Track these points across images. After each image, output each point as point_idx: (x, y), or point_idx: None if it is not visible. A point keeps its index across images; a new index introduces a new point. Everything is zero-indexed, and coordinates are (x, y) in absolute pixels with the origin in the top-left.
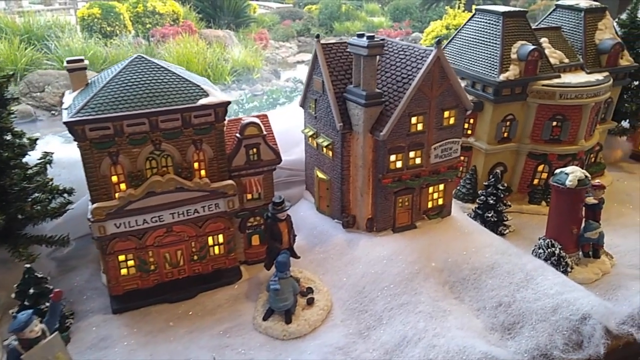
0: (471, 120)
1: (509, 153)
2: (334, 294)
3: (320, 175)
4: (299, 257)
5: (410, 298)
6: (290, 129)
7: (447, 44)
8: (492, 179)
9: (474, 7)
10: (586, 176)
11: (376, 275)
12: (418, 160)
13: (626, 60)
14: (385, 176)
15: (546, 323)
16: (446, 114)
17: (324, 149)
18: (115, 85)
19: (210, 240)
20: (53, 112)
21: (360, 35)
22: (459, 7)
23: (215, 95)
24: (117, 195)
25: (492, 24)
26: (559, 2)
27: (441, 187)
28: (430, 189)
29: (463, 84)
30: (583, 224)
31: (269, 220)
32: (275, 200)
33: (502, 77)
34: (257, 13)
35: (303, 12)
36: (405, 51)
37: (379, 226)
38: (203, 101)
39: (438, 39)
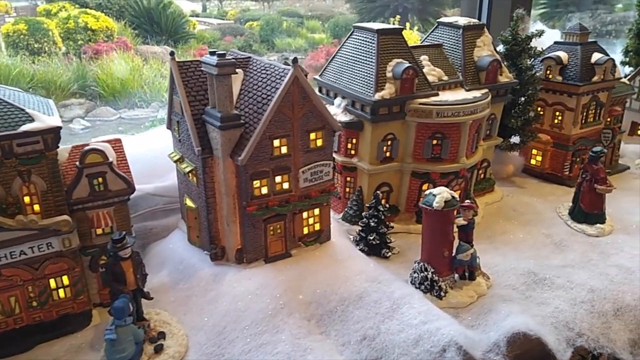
0: (354, 141)
1: (393, 173)
2: (192, 336)
3: (189, 203)
4: (151, 299)
5: (270, 337)
6: (166, 151)
7: (329, 62)
8: (373, 201)
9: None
10: (453, 197)
11: (239, 313)
12: (286, 185)
13: (505, 76)
14: (249, 203)
15: (408, 357)
16: (312, 135)
17: (190, 175)
18: None
19: (52, 283)
20: None
21: (213, 53)
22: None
23: (43, 120)
24: None
25: (368, 41)
26: (440, 20)
27: (316, 211)
28: (305, 214)
29: (344, 102)
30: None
31: (110, 259)
32: (115, 237)
33: (378, 95)
34: (196, 29)
35: (244, 28)
36: (266, 70)
37: (249, 257)
38: (26, 127)
39: (294, 57)
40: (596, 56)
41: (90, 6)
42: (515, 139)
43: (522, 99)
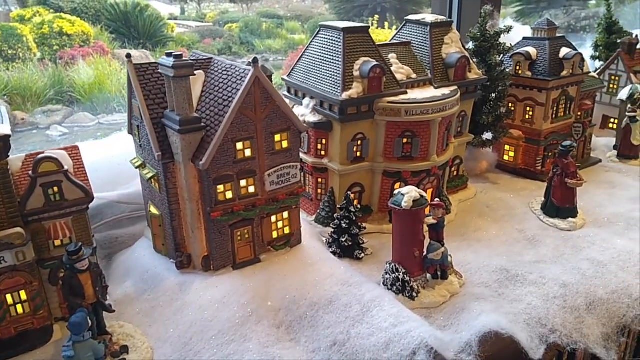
0: (324, 141)
1: (365, 173)
2: (158, 349)
3: (153, 210)
4: (112, 311)
5: (238, 347)
6: (130, 157)
7: (297, 62)
8: (345, 202)
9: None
10: (422, 196)
11: (205, 322)
12: (252, 189)
13: (474, 73)
14: (214, 209)
15: None
16: (277, 137)
17: (152, 181)
18: None
19: (9, 299)
20: None
21: (169, 55)
22: (372, 24)
23: None
24: None
25: (335, 40)
26: (408, 17)
27: (285, 215)
28: (274, 218)
29: (312, 103)
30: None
31: (66, 271)
32: (70, 248)
33: (345, 95)
34: (175, 32)
35: (224, 30)
36: (227, 71)
37: (216, 264)
38: None
39: (254, 57)
40: (564, 51)
41: (65, 11)
42: (487, 136)
43: (493, 95)
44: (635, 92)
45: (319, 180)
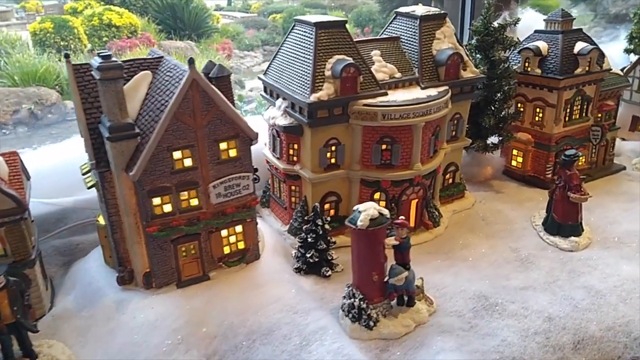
0: (295, 146)
1: (341, 181)
2: None
3: (100, 220)
4: (36, 331)
5: None
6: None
7: (272, 59)
8: (312, 214)
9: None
10: (381, 214)
11: (134, 347)
12: (194, 202)
13: (470, 71)
14: (150, 223)
15: None
16: (223, 145)
17: (96, 189)
18: None
19: None
20: (4, 130)
21: (99, 55)
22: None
23: None
24: None
25: (307, 36)
26: (398, 10)
27: (238, 229)
28: (224, 233)
29: (284, 104)
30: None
31: None
32: None
33: (313, 97)
34: (220, 23)
35: (267, 21)
36: (170, 72)
37: (158, 281)
38: None
39: (190, 58)
40: (580, 45)
41: (115, 3)
42: (494, 139)
43: (498, 95)
44: None
45: (292, 187)
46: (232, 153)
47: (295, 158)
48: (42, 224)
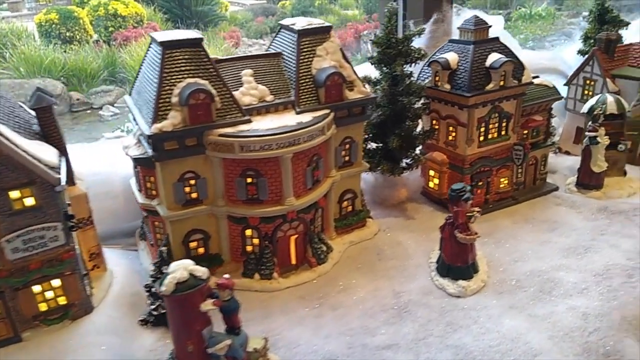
0: (152, 179)
1: (207, 217)
2: None
3: None
4: None
5: None
6: None
7: (135, 77)
8: (158, 260)
9: None
10: (194, 275)
11: None
12: None
13: (358, 92)
14: None
15: None
16: (15, 194)
17: None
18: None
19: None
20: None
21: None
22: None
23: None
24: None
25: (156, 56)
26: (282, 21)
27: (56, 283)
28: (37, 288)
29: (138, 132)
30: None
31: None
32: None
33: (155, 128)
34: (228, 11)
35: (276, 8)
36: None
37: None
38: None
39: None
40: (492, 57)
41: None
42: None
43: (404, 113)
44: (598, 105)
45: (155, 223)
46: (29, 202)
47: (154, 192)
48: None
